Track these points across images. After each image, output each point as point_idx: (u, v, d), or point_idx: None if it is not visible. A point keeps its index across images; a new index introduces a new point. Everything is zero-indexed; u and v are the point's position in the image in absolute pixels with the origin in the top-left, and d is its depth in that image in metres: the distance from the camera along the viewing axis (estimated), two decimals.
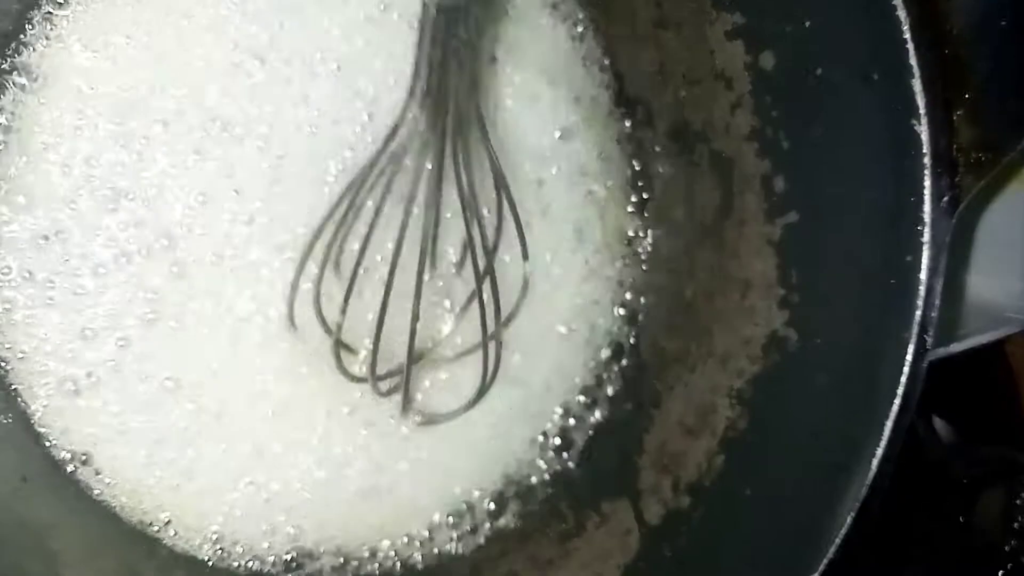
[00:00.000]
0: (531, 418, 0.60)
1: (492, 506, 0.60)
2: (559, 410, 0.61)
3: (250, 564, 0.58)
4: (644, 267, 0.61)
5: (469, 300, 0.57)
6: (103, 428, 0.56)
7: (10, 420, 0.56)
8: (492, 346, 0.56)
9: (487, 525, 0.59)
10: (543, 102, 0.60)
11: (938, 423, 0.65)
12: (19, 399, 0.56)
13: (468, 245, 0.55)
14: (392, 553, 0.59)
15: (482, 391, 0.56)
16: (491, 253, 0.56)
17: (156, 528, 0.57)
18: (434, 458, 0.59)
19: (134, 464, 0.57)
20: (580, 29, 0.61)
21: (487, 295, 0.55)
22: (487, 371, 0.56)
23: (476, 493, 0.59)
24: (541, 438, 0.60)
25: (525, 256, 0.56)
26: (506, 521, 0.60)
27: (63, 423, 0.56)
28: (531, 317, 0.59)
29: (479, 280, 0.55)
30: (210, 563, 0.57)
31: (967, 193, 0.46)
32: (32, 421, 0.56)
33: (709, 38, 0.53)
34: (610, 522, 0.57)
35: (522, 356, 0.60)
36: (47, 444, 0.56)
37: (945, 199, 0.45)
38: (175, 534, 0.57)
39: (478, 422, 0.59)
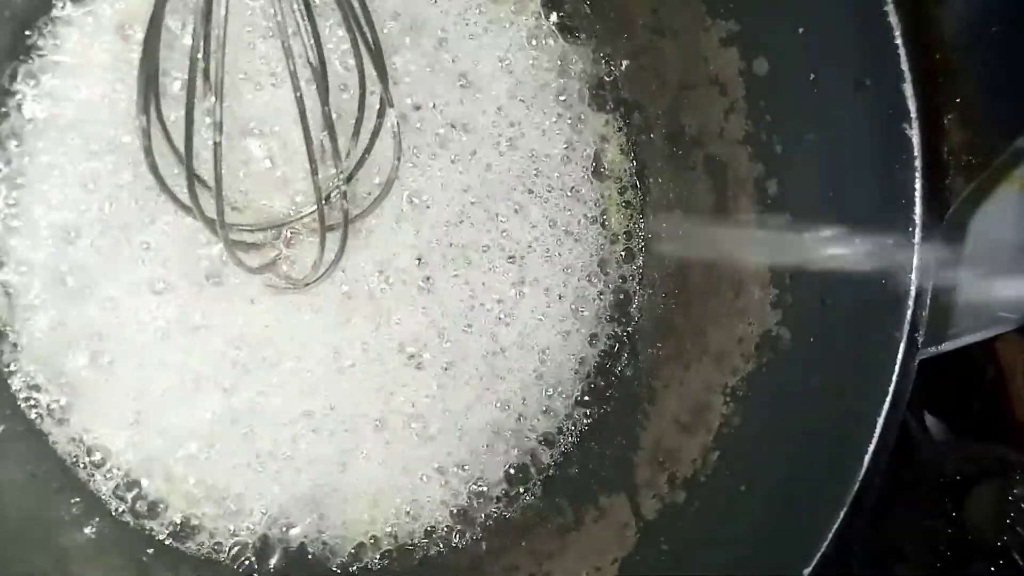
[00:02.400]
0: (529, 414, 0.60)
1: (492, 500, 0.60)
2: (557, 406, 0.61)
3: (256, 560, 0.58)
4: (640, 267, 0.62)
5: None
6: (110, 428, 0.57)
7: (18, 420, 0.56)
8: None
9: (487, 519, 0.60)
10: (542, 110, 0.61)
11: (930, 420, 0.65)
12: (26, 400, 0.56)
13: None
14: (394, 545, 0.59)
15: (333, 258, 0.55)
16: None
17: (163, 526, 0.57)
18: (435, 452, 0.59)
19: (141, 463, 0.57)
20: (579, 37, 0.62)
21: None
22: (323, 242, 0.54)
23: (476, 487, 0.60)
24: (539, 434, 0.61)
25: (390, 103, 0.54)
26: (506, 515, 0.60)
27: (70, 423, 0.57)
28: (530, 315, 0.60)
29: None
30: (218, 561, 0.57)
31: (957, 195, 0.46)
32: (39, 421, 0.56)
33: (704, 45, 0.54)
34: (608, 516, 0.57)
35: (520, 353, 0.60)
36: (54, 443, 0.57)
37: (936, 201, 0.45)
38: (182, 532, 0.57)
39: (477, 418, 0.59)
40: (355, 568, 0.58)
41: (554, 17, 0.61)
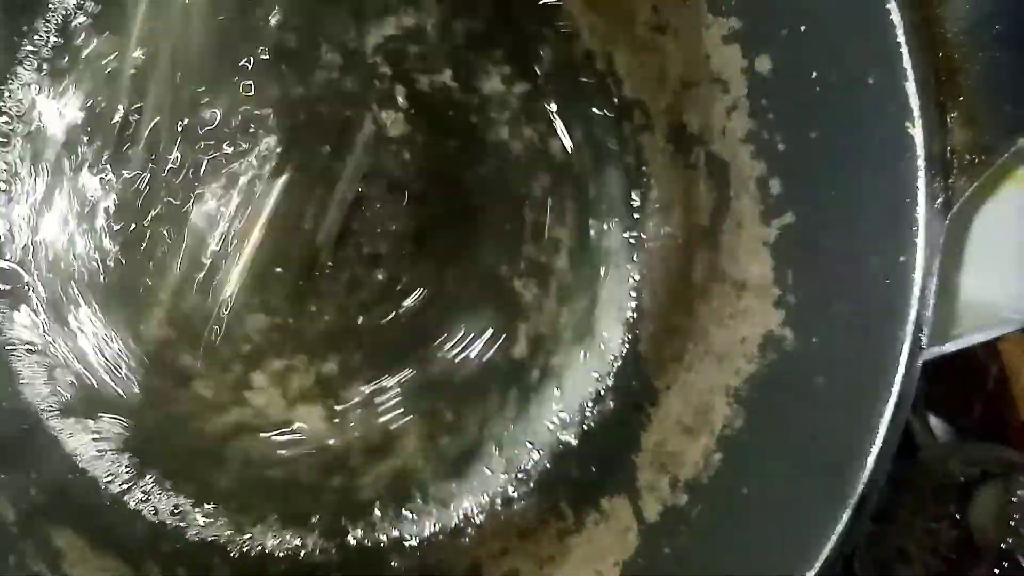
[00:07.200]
0: (529, 417, 0.60)
1: (491, 503, 0.60)
2: (557, 408, 0.61)
3: (255, 558, 0.58)
4: (641, 267, 0.61)
5: None
6: (106, 427, 0.57)
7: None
8: None
9: (486, 522, 0.60)
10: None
11: (934, 422, 0.65)
12: (22, 397, 0.56)
13: None
14: (391, 549, 0.59)
15: None
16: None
17: (160, 525, 0.57)
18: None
19: (138, 464, 0.57)
20: (578, 34, 0.62)
21: None
22: None
23: (475, 490, 0.60)
24: (540, 436, 0.61)
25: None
26: (506, 518, 0.60)
27: (66, 422, 0.57)
28: None
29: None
30: (215, 560, 0.58)
31: (961, 194, 0.46)
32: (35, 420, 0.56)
33: (706, 42, 0.53)
34: (609, 520, 0.57)
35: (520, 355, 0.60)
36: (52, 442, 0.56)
37: (939, 200, 0.45)
38: (180, 531, 0.57)
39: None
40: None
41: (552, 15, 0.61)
